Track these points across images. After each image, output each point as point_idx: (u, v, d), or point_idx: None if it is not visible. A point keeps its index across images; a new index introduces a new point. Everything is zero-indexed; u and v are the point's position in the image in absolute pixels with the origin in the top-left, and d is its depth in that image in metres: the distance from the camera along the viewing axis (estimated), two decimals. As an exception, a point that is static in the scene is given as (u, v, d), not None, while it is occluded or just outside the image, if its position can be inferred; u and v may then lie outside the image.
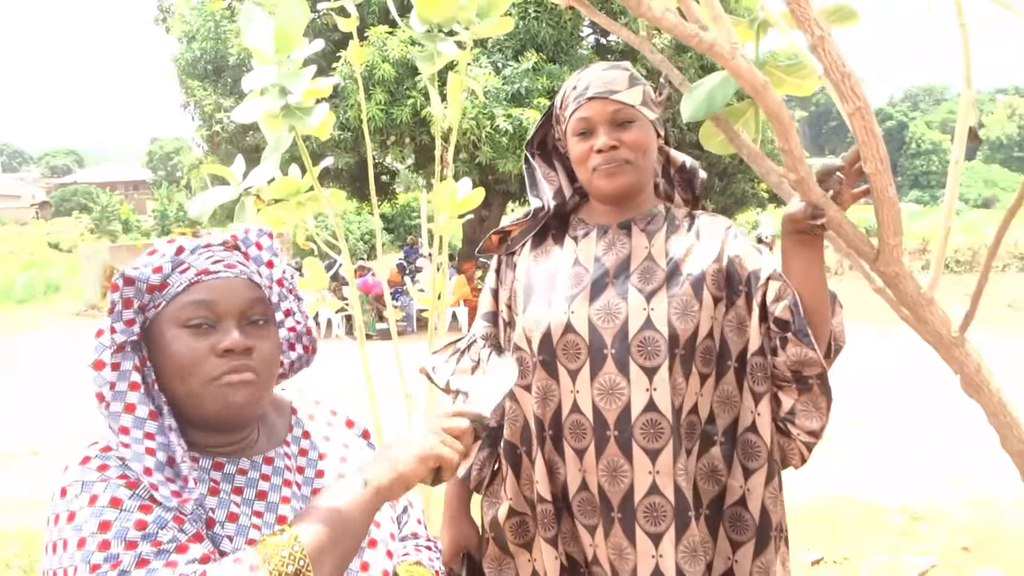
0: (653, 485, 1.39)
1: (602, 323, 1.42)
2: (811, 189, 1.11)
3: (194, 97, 13.29)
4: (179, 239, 1.04)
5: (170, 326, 0.99)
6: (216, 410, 0.99)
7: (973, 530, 3.57)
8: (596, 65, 1.55)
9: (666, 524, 1.38)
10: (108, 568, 0.83)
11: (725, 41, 0.99)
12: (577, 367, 1.44)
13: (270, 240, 1.10)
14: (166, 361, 0.98)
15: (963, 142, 1.18)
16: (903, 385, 7.19)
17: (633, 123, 1.48)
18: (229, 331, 0.99)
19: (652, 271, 1.45)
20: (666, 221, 1.52)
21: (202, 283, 1.00)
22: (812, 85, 1.32)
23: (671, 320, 1.40)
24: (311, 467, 1.12)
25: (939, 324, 1.26)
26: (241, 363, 0.99)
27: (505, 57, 11.47)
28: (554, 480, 1.49)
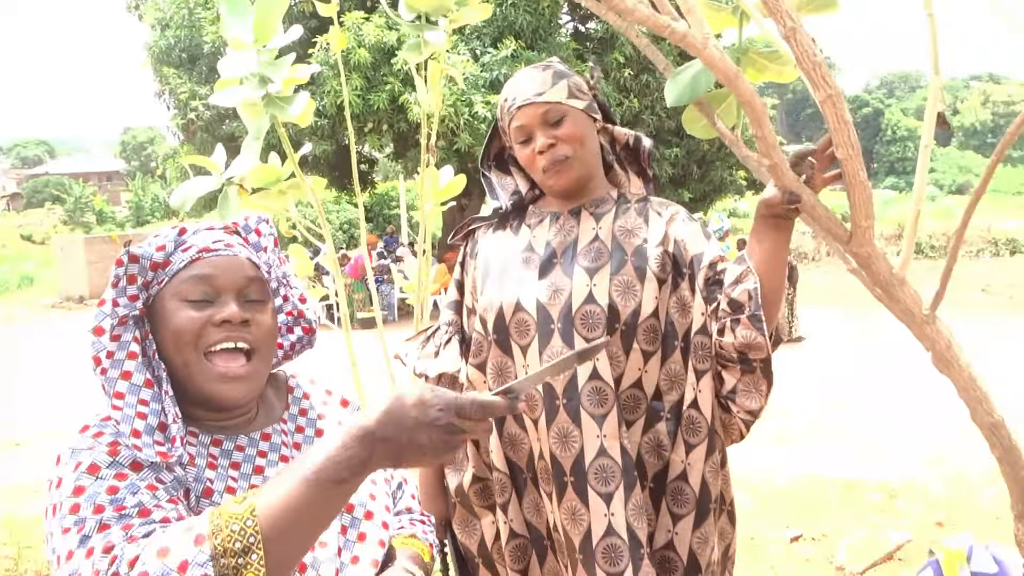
0: (601, 448, 1.46)
1: (548, 300, 1.52)
2: (784, 174, 1.15)
3: (168, 85, 13.14)
4: (182, 224, 1.09)
5: (172, 300, 1.03)
6: (207, 390, 1.02)
7: (948, 505, 3.67)
8: (523, 72, 1.63)
9: (615, 484, 1.45)
10: (75, 532, 0.87)
11: (698, 31, 1.02)
12: (527, 343, 1.53)
13: (268, 226, 1.16)
14: (166, 333, 1.02)
15: (931, 128, 1.22)
16: (879, 367, 7.32)
17: (564, 118, 1.55)
18: (227, 304, 1.04)
19: (599, 251, 1.55)
20: (616, 205, 1.61)
21: (203, 259, 1.05)
22: (794, 73, 1.36)
23: (611, 296, 1.49)
24: (307, 444, 1.15)
25: (911, 303, 1.30)
26: (239, 335, 1.03)
27: (483, 44, 11.45)
28: (518, 451, 1.57)
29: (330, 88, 10.76)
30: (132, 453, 0.93)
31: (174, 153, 15.35)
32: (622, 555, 1.43)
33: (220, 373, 1.02)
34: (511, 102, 1.58)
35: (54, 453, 0.96)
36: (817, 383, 6.59)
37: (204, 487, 0.99)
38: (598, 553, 1.44)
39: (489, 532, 1.64)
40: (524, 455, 1.56)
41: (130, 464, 0.93)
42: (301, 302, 1.22)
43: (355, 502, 1.12)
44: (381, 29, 10.85)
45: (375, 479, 1.18)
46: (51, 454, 0.98)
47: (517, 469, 1.58)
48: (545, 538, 1.58)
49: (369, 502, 1.14)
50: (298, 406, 1.20)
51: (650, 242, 1.54)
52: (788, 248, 1.42)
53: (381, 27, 10.87)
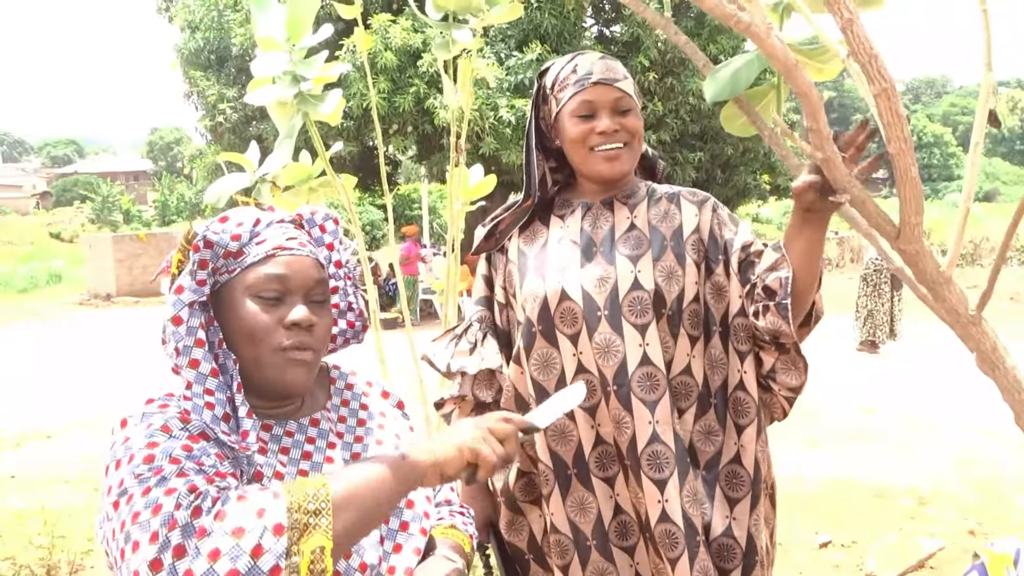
0: (654, 434, 1.47)
1: (594, 288, 1.52)
2: (837, 168, 1.14)
3: (197, 87, 13.28)
4: (250, 210, 1.09)
5: (243, 294, 1.04)
6: (275, 378, 1.04)
7: (979, 513, 3.61)
8: (590, 54, 1.62)
9: (669, 471, 1.46)
10: (151, 475, 0.87)
11: (761, 21, 1.01)
12: (575, 332, 1.53)
13: (335, 225, 1.17)
14: (236, 326, 1.03)
15: (983, 125, 1.20)
16: (908, 372, 7.23)
17: (631, 111, 1.58)
18: (296, 306, 1.05)
19: (637, 239, 1.56)
20: (647, 196, 1.63)
21: (277, 257, 1.06)
22: (835, 69, 1.35)
23: (657, 281, 1.51)
24: (350, 433, 1.17)
25: (957, 302, 1.28)
26: (304, 339, 1.05)
27: (508, 48, 11.46)
28: (565, 443, 1.56)
29: (356, 90, 10.81)
30: (200, 425, 0.95)
31: (200, 154, 15.51)
32: (677, 541, 1.44)
33: (288, 359, 1.04)
34: (582, 74, 1.56)
35: (119, 417, 0.98)
36: (846, 388, 6.52)
37: (254, 471, 1.00)
38: (655, 538, 1.46)
39: (538, 526, 1.64)
40: (572, 448, 1.55)
41: (199, 432, 0.95)
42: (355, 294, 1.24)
43: None
44: (407, 32, 10.90)
45: None
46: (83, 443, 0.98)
47: (561, 464, 1.56)
48: (589, 538, 1.56)
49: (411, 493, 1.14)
50: (340, 396, 1.21)
51: (685, 228, 1.57)
52: (823, 244, 1.44)
53: (407, 30, 10.92)
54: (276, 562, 0.81)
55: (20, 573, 3.20)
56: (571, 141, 1.58)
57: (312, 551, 0.83)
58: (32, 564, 3.24)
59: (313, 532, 0.84)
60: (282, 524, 0.83)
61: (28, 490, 4.38)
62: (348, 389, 1.23)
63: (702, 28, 12.08)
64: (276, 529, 0.82)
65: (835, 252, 20.78)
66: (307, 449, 1.09)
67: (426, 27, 10.90)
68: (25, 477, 4.70)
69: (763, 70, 1.35)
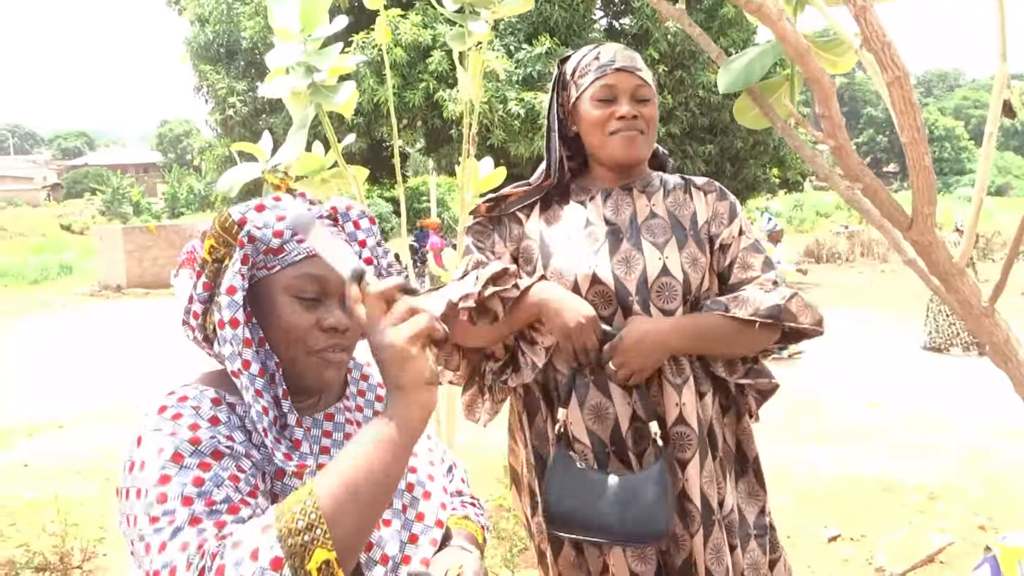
0: (680, 416, 1.53)
1: (624, 274, 1.56)
2: (849, 156, 1.14)
3: (207, 80, 13.33)
4: (288, 202, 1.07)
5: (281, 293, 1.03)
6: (312, 378, 1.04)
7: (988, 508, 3.60)
8: (612, 45, 1.66)
9: (692, 451, 1.52)
10: (165, 523, 0.86)
11: (772, 5, 1.01)
12: (610, 313, 1.56)
13: (370, 224, 1.15)
14: (274, 325, 1.03)
15: (997, 115, 1.20)
16: (915, 367, 7.21)
17: (649, 100, 1.62)
18: (333, 309, 1.04)
19: (661, 226, 1.60)
20: (662, 185, 1.68)
21: (317, 258, 1.03)
22: (849, 62, 1.34)
23: (684, 268, 1.56)
24: (367, 423, 1.16)
25: (970, 294, 1.28)
26: (341, 342, 1.05)
27: (518, 40, 11.45)
28: (603, 422, 1.56)
29: (367, 85, 10.83)
30: (213, 443, 0.93)
31: (209, 146, 15.55)
32: (694, 519, 1.50)
33: (324, 360, 1.04)
34: (605, 61, 1.61)
35: (133, 434, 0.96)
36: (853, 383, 6.50)
37: (276, 469, 1.00)
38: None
39: None
40: (609, 426, 1.55)
41: (212, 453, 0.92)
42: None
43: (414, 482, 1.13)
44: (417, 28, 10.91)
45: (433, 460, 1.19)
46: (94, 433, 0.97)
47: (599, 443, 1.56)
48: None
49: (427, 482, 1.15)
50: (356, 386, 1.21)
51: (699, 217, 1.64)
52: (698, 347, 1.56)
53: (417, 25, 10.93)
54: None
55: (34, 560, 3.23)
56: (590, 124, 1.61)
57: (318, 568, 0.80)
58: (46, 551, 3.27)
59: (313, 549, 0.81)
60: (279, 558, 0.80)
61: (41, 479, 4.42)
62: (364, 380, 1.23)
63: (713, 21, 12.05)
64: (273, 564, 0.79)
65: (845, 247, 20.68)
66: (324, 443, 1.08)
67: (436, 23, 10.90)
68: (38, 467, 4.74)
69: (776, 63, 1.35)
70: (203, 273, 1.03)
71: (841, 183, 1.32)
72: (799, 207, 34.95)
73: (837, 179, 1.31)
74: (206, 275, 1.03)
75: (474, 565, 1.10)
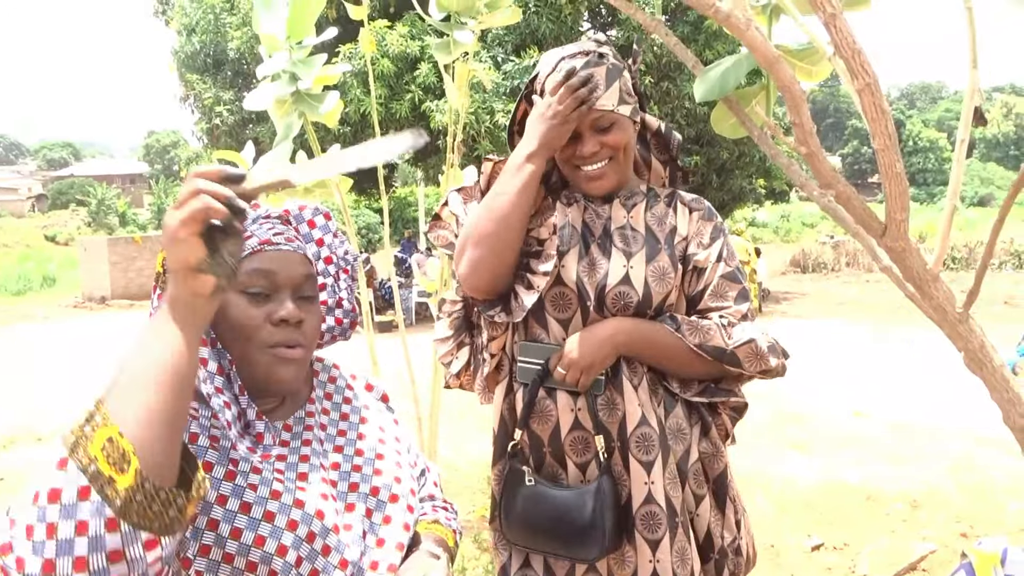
0: (642, 418, 1.50)
1: (587, 278, 1.54)
2: (821, 163, 1.15)
3: (193, 90, 13.29)
4: None
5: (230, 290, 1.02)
6: (264, 376, 1.04)
7: (971, 517, 3.62)
8: (574, 58, 1.55)
9: (655, 453, 1.49)
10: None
11: (741, 13, 1.02)
12: (568, 316, 1.55)
13: (325, 220, 1.16)
14: (224, 324, 1.03)
15: (968, 122, 1.21)
16: (899, 377, 7.25)
17: (613, 125, 1.55)
18: (284, 302, 1.05)
19: (632, 237, 1.57)
20: (646, 197, 1.63)
21: (264, 252, 1.05)
22: (824, 71, 1.35)
23: (648, 281, 1.52)
24: (333, 426, 1.16)
25: (944, 300, 1.29)
26: (293, 336, 1.05)
27: (505, 52, 11.49)
28: (544, 423, 1.56)
29: (353, 96, 10.83)
30: None
31: (197, 157, 15.50)
32: (660, 523, 1.47)
33: (276, 355, 1.04)
34: None
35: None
36: (837, 392, 6.53)
37: (227, 471, 1.00)
38: (638, 519, 1.48)
39: None
40: (549, 428, 1.56)
41: None
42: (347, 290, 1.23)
43: (380, 485, 1.12)
44: (404, 39, 10.94)
45: (400, 463, 1.19)
46: None
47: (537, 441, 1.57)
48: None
49: (395, 485, 1.14)
50: (323, 389, 1.21)
51: (679, 232, 1.59)
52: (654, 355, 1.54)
53: (404, 36, 10.96)
54: (79, 484, 0.73)
55: (12, 574, 3.19)
56: (558, 160, 1.61)
57: (102, 448, 0.74)
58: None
59: (94, 433, 0.75)
60: (63, 458, 0.75)
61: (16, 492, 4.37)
62: (331, 382, 1.22)
63: (699, 34, 12.13)
64: (59, 465, 0.74)
65: (830, 257, 20.82)
66: (279, 452, 1.07)
67: (424, 35, 10.93)
68: (13, 480, 4.69)
69: (754, 72, 1.36)
70: (157, 287, 1.04)
71: (815, 189, 1.33)
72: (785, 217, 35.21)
73: (813, 187, 1.32)
74: (160, 288, 1.03)
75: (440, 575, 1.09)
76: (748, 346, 1.50)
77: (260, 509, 0.98)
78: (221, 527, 0.96)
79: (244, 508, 0.97)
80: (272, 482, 1.01)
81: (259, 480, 1.00)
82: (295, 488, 1.03)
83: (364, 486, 1.11)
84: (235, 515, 0.97)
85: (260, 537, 0.96)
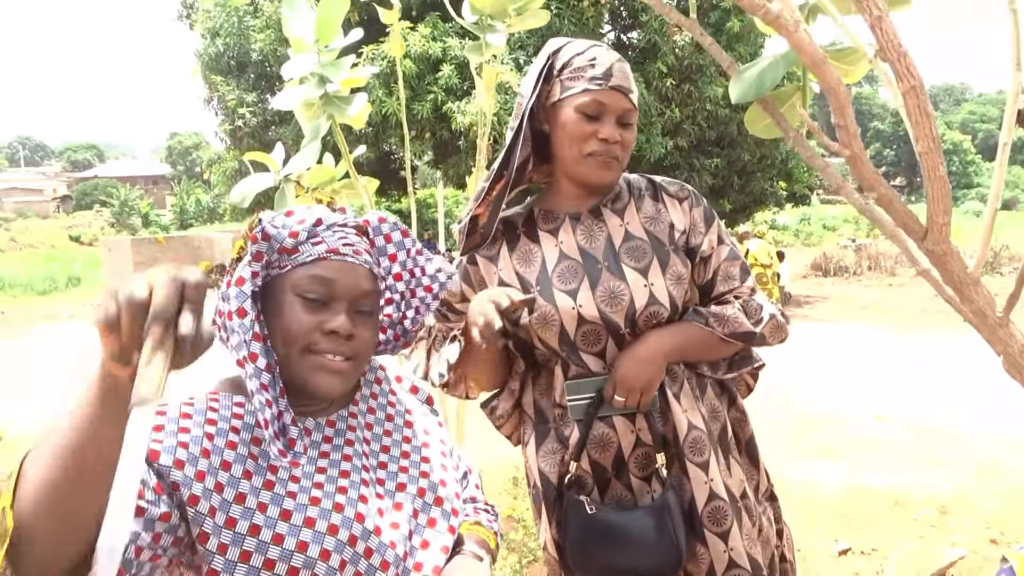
0: (690, 423, 1.54)
1: (610, 308, 1.51)
2: (864, 165, 1.14)
3: (217, 92, 13.41)
4: (317, 209, 1.08)
5: (288, 292, 1.04)
6: (302, 379, 1.04)
7: (1001, 522, 3.57)
8: (606, 50, 1.56)
9: (707, 453, 1.53)
10: None
11: (789, 15, 1.02)
12: (601, 348, 1.54)
13: (402, 237, 1.14)
14: (277, 323, 1.04)
15: (1011, 125, 1.20)
16: (924, 380, 7.17)
17: (632, 125, 1.57)
18: (339, 313, 1.04)
19: (639, 248, 1.55)
20: (630, 195, 1.62)
21: (330, 261, 1.05)
22: (861, 71, 1.35)
23: (670, 291, 1.53)
24: (379, 426, 1.17)
25: (984, 304, 1.28)
26: (341, 348, 1.04)
27: (527, 54, 11.50)
28: (606, 451, 1.57)
29: (375, 97, 10.88)
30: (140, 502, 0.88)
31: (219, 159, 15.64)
32: (726, 514, 1.52)
33: (321, 364, 1.04)
34: (601, 72, 1.50)
35: None
36: (862, 397, 6.47)
37: (265, 480, 1.00)
38: (705, 518, 1.51)
39: None
40: (612, 454, 1.57)
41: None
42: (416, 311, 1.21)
43: (426, 487, 1.13)
44: (427, 40, 10.98)
45: (445, 465, 1.19)
46: None
47: (601, 470, 1.58)
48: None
49: (440, 488, 1.14)
50: (370, 389, 1.21)
51: (676, 228, 1.59)
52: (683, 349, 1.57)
53: (427, 37, 11.00)
54: None
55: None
56: (568, 135, 1.53)
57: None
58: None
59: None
60: None
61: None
62: (377, 383, 1.23)
63: (720, 36, 12.08)
64: None
65: (852, 260, 20.62)
66: (324, 449, 1.08)
67: (446, 36, 10.97)
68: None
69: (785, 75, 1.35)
70: (228, 271, 1.04)
71: (854, 193, 1.33)
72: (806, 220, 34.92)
73: (850, 189, 1.31)
74: (231, 274, 1.03)
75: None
76: (771, 323, 1.58)
77: (300, 515, 0.98)
78: (263, 532, 0.96)
79: (284, 515, 0.98)
80: (311, 489, 1.01)
81: (298, 488, 1.00)
82: (335, 491, 1.03)
83: (411, 487, 1.12)
84: (276, 521, 0.97)
85: (302, 543, 0.97)
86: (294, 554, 0.96)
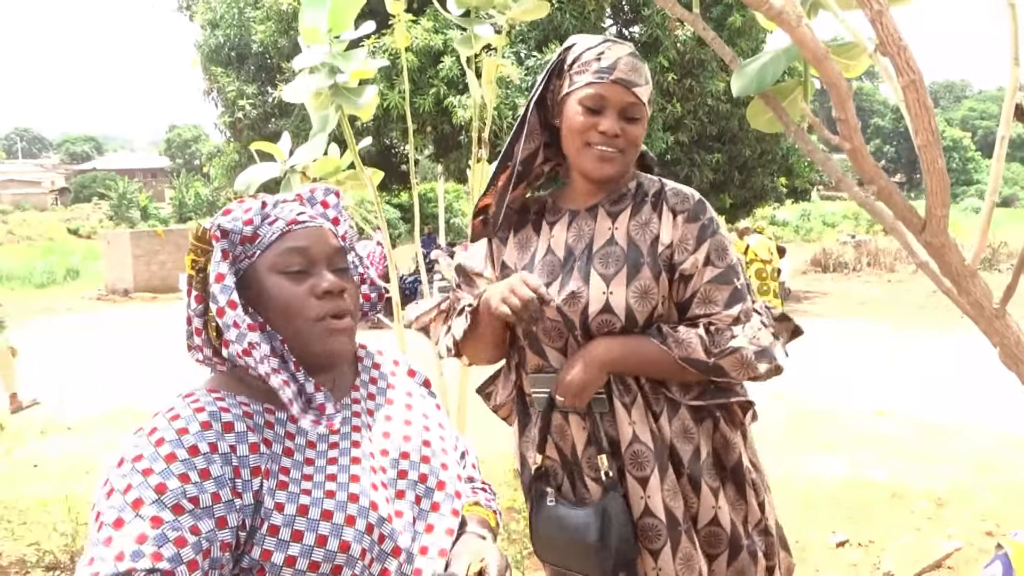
0: (634, 435, 1.53)
1: (568, 308, 1.54)
2: (865, 159, 1.16)
3: (217, 84, 13.41)
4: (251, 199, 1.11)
5: (268, 274, 1.05)
6: (321, 350, 1.06)
7: (997, 515, 3.60)
8: (620, 45, 1.57)
9: (650, 469, 1.51)
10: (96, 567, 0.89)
11: (792, 9, 1.04)
12: (562, 344, 1.58)
13: (336, 198, 1.18)
14: (270, 305, 1.05)
15: (1009, 118, 1.22)
16: (923, 377, 7.20)
17: (638, 119, 1.55)
18: (323, 275, 1.07)
19: (615, 255, 1.55)
20: (633, 200, 1.60)
21: (293, 232, 1.07)
22: (862, 65, 1.36)
23: (629, 304, 1.51)
24: (379, 411, 1.18)
25: (981, 296, 1.30)
26: (340, 306, 1.07)
27: (528, 48, 11.50)
28: (564, 440, 1.62)
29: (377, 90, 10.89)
30: (178, 493, 0.93)
31: (218, 151, 15.63)
32: (659, 533, 1.51)
33: (329, 328, 1.06)
34: (606, 66, 1.52)
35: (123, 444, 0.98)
36: (859, 391, 6.50)
37: (278, 481, 1.01)
38: (639, 531, 1.52)
39: None
40: (568, 446, 1.61)
41: (172, 506, 0.92)
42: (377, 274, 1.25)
43: (428, 472, 1.14)
44: (428, 33, 10.97)
45: (446, 448, 1.21)
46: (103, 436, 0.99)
47: (564, 458, 1.63)
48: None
49: (441, 472, 1.16)
50: (368, 374, 1.22)
51: (662, 240, 1.55)
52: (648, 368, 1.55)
53: (428, 30, 10.99)
54: None
55: (44, 558, 3.26)
56: (571, 128, 1.55)
57: None
58: (56, 550, 3.30)
59: None
60: None
61: (51, 479, 4.46)
62: (375, 368, 1.24)
63: (722, 31, 12.08)
64: None
65: (852, 256, 20.65)
66: (333, 440, 1.09)
67: (447, 28, 10.96)
68: (48, 467, 4.78)
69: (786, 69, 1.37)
70: (191, 289, 1.06)
71: (854, 186, 1.34)
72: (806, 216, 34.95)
73: (850, 182, 1.33)
74: (195, 289, 1.05)
75: (495, 556, 1.11)
76: (733, 356, 1.48)
77: (317, 510, 1.00)
78: (282, 532, 0.98)
79: (302, 511, 0.99)
80: (325, 483, 1.02)
81: (311, 485, 1.02)
82: (348, 481, 1.04)
83: (413, 473, 1.13)
84: (294, 518, 0.98)
85: (321, 537, 0.98)
86: (314, 549, 0.98)
